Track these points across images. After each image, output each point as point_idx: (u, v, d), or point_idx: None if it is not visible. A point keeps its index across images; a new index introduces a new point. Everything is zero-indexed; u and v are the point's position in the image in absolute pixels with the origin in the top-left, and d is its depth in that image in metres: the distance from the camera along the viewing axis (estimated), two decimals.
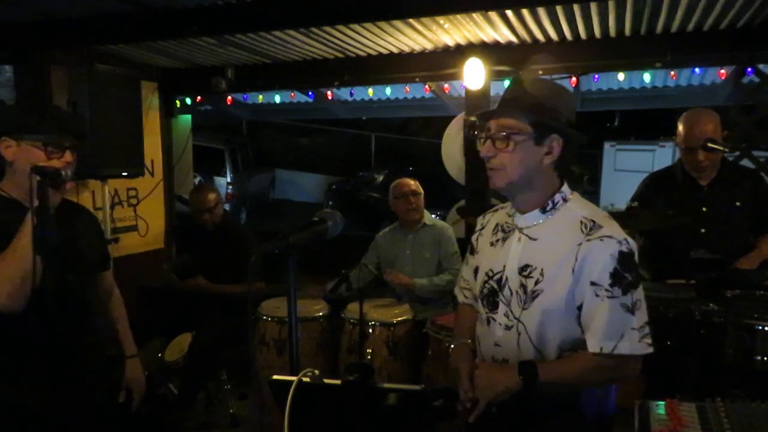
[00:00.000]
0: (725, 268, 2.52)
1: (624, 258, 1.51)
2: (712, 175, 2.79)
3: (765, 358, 2.10)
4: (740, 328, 2.15)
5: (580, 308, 1.55)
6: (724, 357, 2.18)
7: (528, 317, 1.60)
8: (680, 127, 2.77)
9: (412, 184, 3.80)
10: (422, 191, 3.82)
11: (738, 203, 2.75)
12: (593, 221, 1.55)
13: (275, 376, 1.30)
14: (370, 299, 3.52)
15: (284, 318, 3.38)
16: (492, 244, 1.75)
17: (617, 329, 1.50)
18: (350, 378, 1.27)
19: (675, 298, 2.40)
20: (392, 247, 3.85)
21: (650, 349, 1.52)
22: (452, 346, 1.87)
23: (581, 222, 1.56)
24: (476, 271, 1.80)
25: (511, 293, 1.64)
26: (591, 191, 12.10)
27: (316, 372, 1.27)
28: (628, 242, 1.53)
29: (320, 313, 3.55)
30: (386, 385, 1.26)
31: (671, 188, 2.86)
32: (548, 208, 1.62)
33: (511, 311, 1.64)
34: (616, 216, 2.45)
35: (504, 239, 1.70)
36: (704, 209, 2.76)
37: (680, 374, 2.33)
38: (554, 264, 1.56)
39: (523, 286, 1.60)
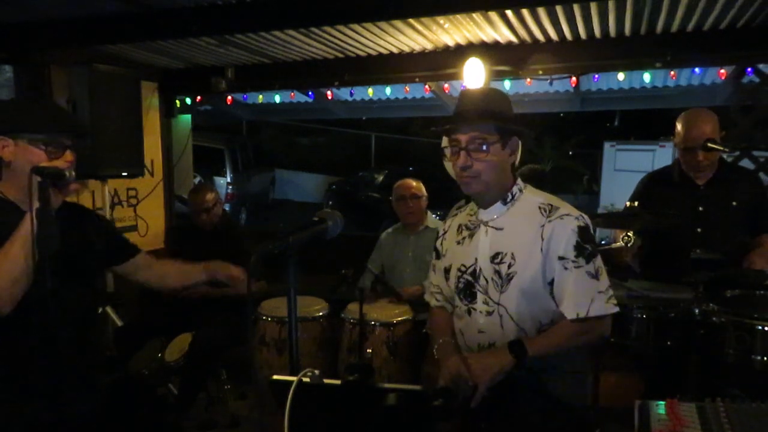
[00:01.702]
0: (733, 268, 2.51)
1: (582, 231, 1.71)
2: (709, 175, 2.78)
3: (765, 358, 2.10)
4: (740, 328, 2.15)
5: (551, 283, 1.73)
6: (724, 357, 2.18)
7: (507, 299, 1.76)
8: (679, 128, 2.77)
9: (413, 186, 3.74)
10: (424, 194, 3.76)
11: (735, 203, 2.74)
12: (550, 204, 1.76)
13: (275, 376, 1.30)
14: (370, 300, 3.51)
15: (284, 318, 3.37)
16: (459, 243, 1.90)
17: (587, 294, 1.70)
18: (350, 378, 1.27)
19: (675, 298, 2.40)
20: (394, 248, 3.83)
21: (617, 309, 1.74)
22: (435, 346, 1.93)
23: (539, 207, 1.76)
24: (447, 271, 1.93)
25: (487, 281, 1.79)
26: (594, 192, 12.08)
27: (316, 372, 1.27)
28: (583, 217, 1.73)
29: (320, 313, 3.53)
30: (386, 385, 1.26)
31: (668, 188, 2.85)
32: (508, 200, 1.81)
33: (490, 297, 1.79)
34: (616, 216, 2.45)
35: (471, 236, 1.86)
36: (701, 209, 2.76)
37: (680, 374, 2.33)
38: (523, 247, 1.74)
39: (498, 272, 1.77)
